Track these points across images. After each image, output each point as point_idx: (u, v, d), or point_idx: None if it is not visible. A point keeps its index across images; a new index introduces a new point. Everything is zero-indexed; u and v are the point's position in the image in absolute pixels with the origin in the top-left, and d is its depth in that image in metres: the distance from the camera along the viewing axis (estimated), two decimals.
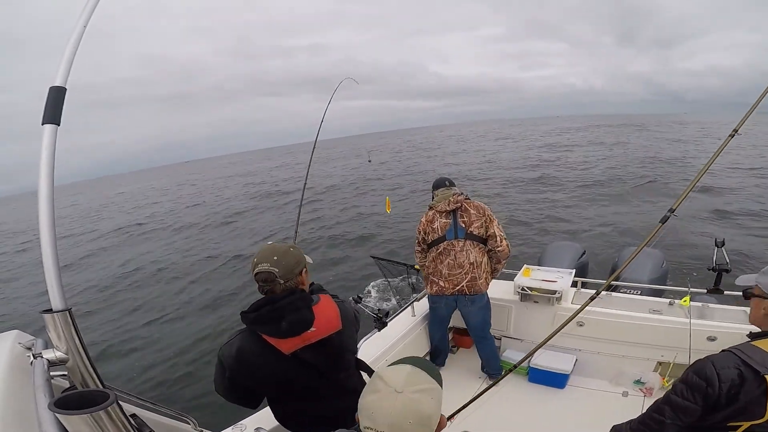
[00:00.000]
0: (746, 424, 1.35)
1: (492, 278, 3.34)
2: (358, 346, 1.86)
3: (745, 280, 1.59)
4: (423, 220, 3.22)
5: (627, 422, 1.71)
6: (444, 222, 3.13)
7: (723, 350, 1.40)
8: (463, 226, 3.10)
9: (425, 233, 3.20)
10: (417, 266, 3.79)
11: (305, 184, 3.88)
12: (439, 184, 3.27)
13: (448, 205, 3.12)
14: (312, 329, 1.56)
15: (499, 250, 3.13)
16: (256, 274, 1.57)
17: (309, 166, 3.87)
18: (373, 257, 5.53)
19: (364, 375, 1.93)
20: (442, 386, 1.04)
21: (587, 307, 3.28)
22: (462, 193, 3.21)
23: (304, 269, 1.67)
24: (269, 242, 1.67)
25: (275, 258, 1.56)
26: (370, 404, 0.97)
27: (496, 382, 2.87)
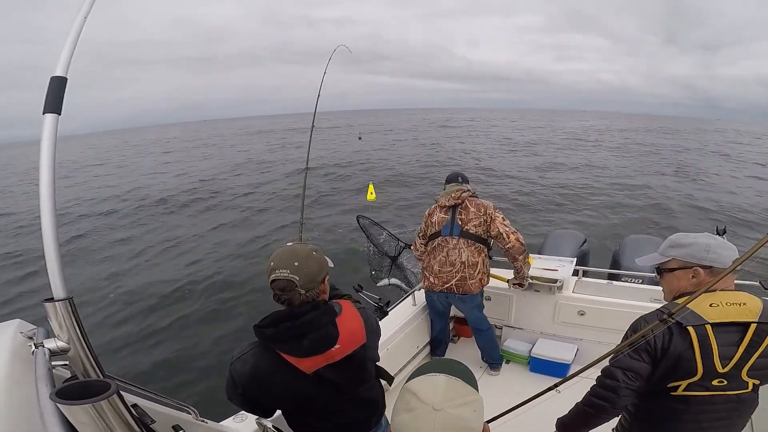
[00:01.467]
0: (684, 383, 1.40)
1: (520, 282, 3.28)
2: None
3: (650, 259, 1.64)
4: (426, 212, 3.23)
5: (575, 406, 1.72)
6: (442, 217, 3.11)
7: (655, 311, 1.47)
8: (460, 223, 3.05)
9: (426, 225, 3.20)
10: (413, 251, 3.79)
11: (306, 173, 3.86)
12: (452, 179, 3.24)
13: (448, 200, 3.08)
14: (336, 346, 1.42)
15: (509, 248, 3.02)
16: (273, 281, 1.39)
17: (309, 148, 3.79)
18: (360, 217, 4.37)
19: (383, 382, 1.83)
20: (478, 388, 0.95)
21: (589, 296, 3.29)
22: (469, 190, 3.14)
23: (327, 276, 1.50)
24: (288, 243, 1.51)
25: (296, 264, 1.37)
26: (406, 425, 0.87)
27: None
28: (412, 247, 3.46)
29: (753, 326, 1.33)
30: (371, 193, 4.28)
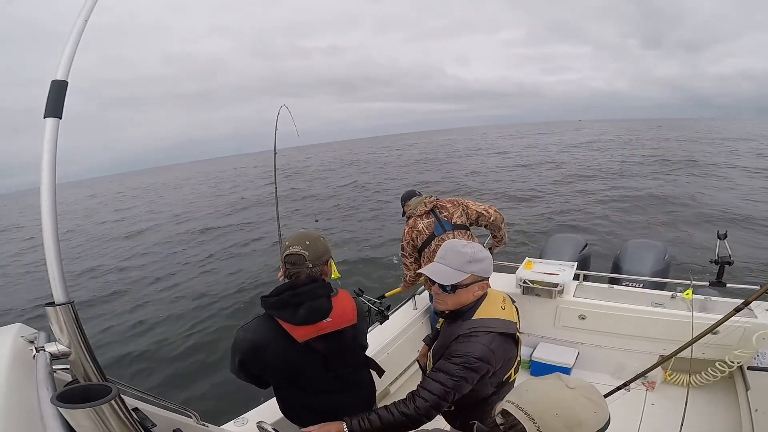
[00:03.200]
0: (511, 371, 1.69)
1: (501, 245, 3.40)
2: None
3: (445, 276, 1.56)
4: (406, 229, 3.20)
5: (384, 408, 1.56)
6: (427, 222, 3.13)
7: (471, 331, 1.54)
8: (446, 219, 3.12)
9: (413, 239, 3.17)
10: (387, 294, 3.69)
11: (276, 196, 4.06)
12: (411, 195, 3.30)
13: (426, 206, 3.14)
14: (328, 319, 1.60)
15: (492, 221, 3.17)
16: (287, 255, 1.62)
17: (275, 180, 4.10)
18: None
19: (374, 375, 1.98)
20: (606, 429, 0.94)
21: (590, 300, 3.28)
22: (432, 195, 3.26)
23: (330, 260, 1.74)
24: (302, 229, 1.75)
25: (307, 242, 1.63)
26: (530, 384, 0.94)
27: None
28: (404, 277, 3.35)
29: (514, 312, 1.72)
30: (334, 272, 4.29)
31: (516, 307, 1.76)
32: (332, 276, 4.58)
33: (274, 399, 2.21)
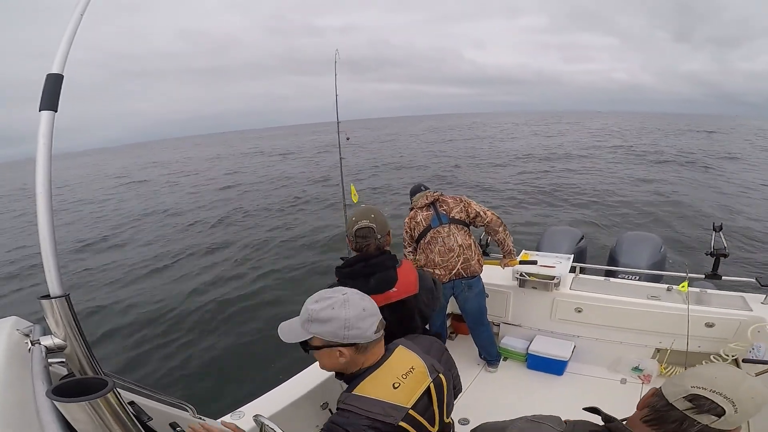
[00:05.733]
0: None
1: (508, 252, 3.36)
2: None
3: (293, 334, 1.31)
4: (406, 220, 3.32)
5: None
6: (426, 214, 3.22)
7: (346, 408, 1.22)
8: (445, 213, 3.20)
9: (411, 229, 3.27)
10: None
11: (341, 159, 4.42)
12: (416, 189, 3.39)
13: (426, 199, 3.24)
14: (394, 289, 1.76)
15: (488, 222, 3.22)
16: (358, 229, 1.80)
17: (339, 145, 4.45)
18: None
19: None
20: None
21: (586, 293, 3.29)
22: (436, 190, 3.35)
23: (390, 231, 1.89)
24: (363, 205, 1.96)
25: (372, 216, 1.82)
26: (713, 370, 1.00)
27: None
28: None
29: (431, 386, 1.31)
30: (354, 194, 4.45)
31: (433, 383, 1.33)
32: (353, 199, 4.93)
33: (271, 392, 2.21)
